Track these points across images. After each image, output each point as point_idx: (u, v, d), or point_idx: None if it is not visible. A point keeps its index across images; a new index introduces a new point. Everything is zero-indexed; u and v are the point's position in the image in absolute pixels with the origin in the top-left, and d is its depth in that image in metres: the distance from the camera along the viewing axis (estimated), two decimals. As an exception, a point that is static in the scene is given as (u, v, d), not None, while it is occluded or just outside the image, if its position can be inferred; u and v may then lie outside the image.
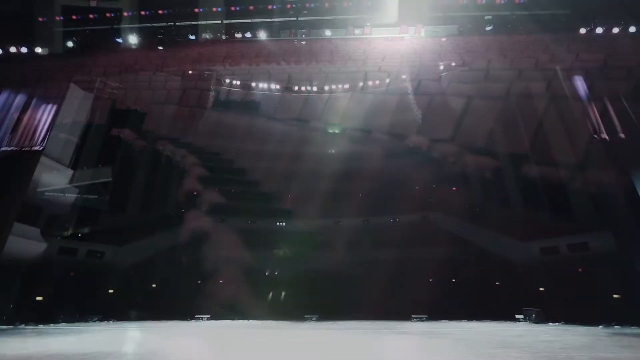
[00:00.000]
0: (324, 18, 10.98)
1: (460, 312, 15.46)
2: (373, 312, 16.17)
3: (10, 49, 10.76)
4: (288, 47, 11.08)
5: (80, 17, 11.17)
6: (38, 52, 10.79)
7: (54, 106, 10.38)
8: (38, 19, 10.99)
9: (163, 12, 11.36)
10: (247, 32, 10.92)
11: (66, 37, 10.94)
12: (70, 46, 10.93)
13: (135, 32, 10.94)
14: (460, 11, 10.72)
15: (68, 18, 11.09)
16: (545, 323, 11.86)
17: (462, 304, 16.70)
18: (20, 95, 10.47)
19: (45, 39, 10.92)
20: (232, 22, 11.43)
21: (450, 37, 10.93)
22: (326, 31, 10.68)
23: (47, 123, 10.19)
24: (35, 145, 9.82)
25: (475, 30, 10.63)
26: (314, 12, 11.06)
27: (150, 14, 11.28)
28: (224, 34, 11.21)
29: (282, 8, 11.04)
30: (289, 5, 11.04)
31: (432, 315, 15.25)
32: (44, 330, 9.70)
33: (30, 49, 10.81)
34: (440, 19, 10.60)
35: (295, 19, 11.07)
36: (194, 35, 11.30)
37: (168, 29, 11.36)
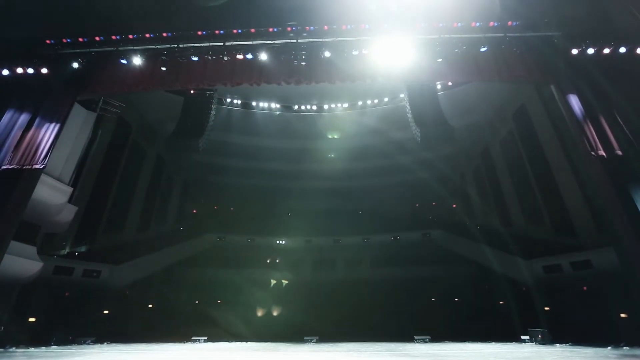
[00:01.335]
0: (323, 40, 11.31)
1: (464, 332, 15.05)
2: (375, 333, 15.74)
3: (17, 70, 11.00)
4: (288, 68, 11.32)
5: (87, 40, 11.49)
6: (44, 73, 11.01)
7: (57, 125, 10.49)
8: (46, 41, 11.29)
9: (167, 35, 11.69)
10: (248, 54, 11.21)
11: (72, 58, 11.22)
12: (75, 67, 11.17)
13: (139, 53, 11.23)
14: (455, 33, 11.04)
15: (75, 40, 11.41)
16: (551, 344, 11.55)
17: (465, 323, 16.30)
18: (24, 114, 10.61)
19: (51, 59, 11.19)
20: (234, 44, 11.75)
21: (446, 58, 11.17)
22: (325, 52, 10.97)
23: (50, 141, 10.27)
24: (37, 164, 9.84)
25: (470, 50, 10.91)
26: (313, 34, 11.40)
27: (154, 37, 11.62)
28: (226, 55, 11.51)
29: (282, 30, 11.37)
30: (289, 27, 11.38)
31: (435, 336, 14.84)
32: (34, 354, 9.39)
33: (37, 70, 11.04)
34: (436, 41, 10.90)
35: (295, 41, 11.40)
36: (197, 56, 11.60)
37: (171, 50, 11.68)
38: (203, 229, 27.36)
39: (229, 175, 27.88)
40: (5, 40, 10.76)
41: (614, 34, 10.28)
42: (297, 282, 23.58)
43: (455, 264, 22.83)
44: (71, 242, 17.67)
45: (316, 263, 25.69)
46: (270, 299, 22.34)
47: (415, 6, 10.13)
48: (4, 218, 9.21)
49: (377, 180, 28.54)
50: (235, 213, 30.79)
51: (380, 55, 11.06)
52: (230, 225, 28.29)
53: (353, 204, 30.57)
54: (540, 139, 17.46)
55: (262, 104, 23.94)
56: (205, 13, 10.91)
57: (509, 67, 11.17)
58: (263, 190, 29.60)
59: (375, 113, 23.94)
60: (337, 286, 22.90)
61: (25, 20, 10.36)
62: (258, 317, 18.71)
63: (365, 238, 26.61)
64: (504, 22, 11.06)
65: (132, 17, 10.90)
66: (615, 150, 9.32)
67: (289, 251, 26.31)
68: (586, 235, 15.07)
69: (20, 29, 10.52)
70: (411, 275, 22.77)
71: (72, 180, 13.80)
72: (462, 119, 20.58)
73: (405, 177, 27.58)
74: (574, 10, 10.14)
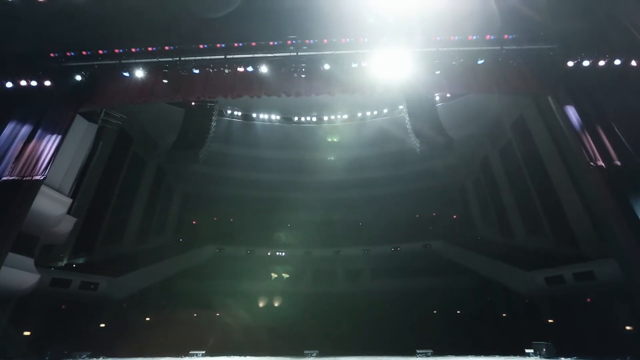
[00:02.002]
0: (323, 53, 11.49)
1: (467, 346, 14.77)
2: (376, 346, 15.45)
3: (20, 82, 11.14)
4: (288, 80, 11.47)
5: (91, 53, 11.68)
6: (47, 85, 11.14)
7: (58, 136, 10.56)
8: (50, 54, 11.47)
9: (169, 48, 11.90)
10: (249, 66, 11.38)
11: (75, 71, 11.38)
12: (78, 79, 11.32)
13: (141, 66, 11.40)
14: (453, 46, 11.24)
15: (79, 53, 11.60)
16: (556, 357, 11.32)
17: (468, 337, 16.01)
18: (27, 125, 10.68)
19: (55, 72, 11.35)
20: (235, 57, 11.94)
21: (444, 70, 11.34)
22: (325, 65, 11.14)
23: (51, 153, 10.31)
24: (37, 175, 9.86)
25: (467, 63, 11.08)
26: (313, 47, 11.60)
27: (157, 50, 11.82)
28: (227, 68, 11.68)
29: (282, 44, 11.58)
30: (290, 41, 11.59)
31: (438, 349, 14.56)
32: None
33: (40, 82, 11.18)
34: (434, 54, 11.08)
35: (295, 54, 11.59)
36: (198, 69, 11.77)
37: (173, 63, 11.86)
38: (202, 240, 27.21)
39: (229, 186, 27.90)
40: (10, 53, 10.94)
41: (608, 47, 10.45)
42: (297, 294, 23.27)
43: (457, 276, 22.60)
44: (69, 253, 17.54)
45: (316, 275, 25.42)
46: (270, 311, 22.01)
47: (413, 20, 10.34)
48: (2, 229, 9.17)
49: (377, 191, 28.54)
50: (235, 224, 30.65)
51: (379, 67, 11.23)
52: (229, 237, 28.15)
53: (353, 215, 30.47)
54: (539, 149, 17.53)
55: (262, 116, 24.16)
56: (207, 27, 11.12)
57: (506, 79, 11.32)
58: (263, 201, 29.55)
59: (374, 124, 24.14)
60: (337, 298, 22.60)
61: (30, 34, 10.55)
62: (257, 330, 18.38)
63: (366, 249, 26.42)
64: (501, 35, 11.26)
65: (135, 30, 11.11)
66: (614, 161, 9.36)
67: (289, 263, 26.08)
68: (587, 245, 14.97)
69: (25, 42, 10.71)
70: (412, 286, 22.50)
71: (72, 192, 13.81)
72: (461, 129, 20.72)
73: (405, 188, 27.59)
74: (569, 24, 10.34)
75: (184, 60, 11.91)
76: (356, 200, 29.36)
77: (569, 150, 10.93)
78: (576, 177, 14.22)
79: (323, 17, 10.19)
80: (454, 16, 10.04)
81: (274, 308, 22.70)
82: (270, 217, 30.64)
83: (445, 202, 29.24)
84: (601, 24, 10.14)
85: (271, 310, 22.30)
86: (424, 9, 9.70)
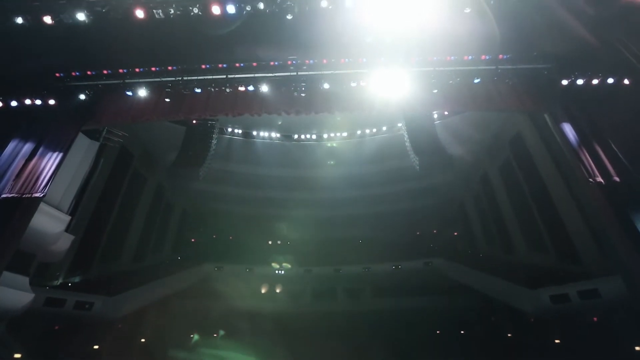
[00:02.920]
0: (323, 73, 11.77)
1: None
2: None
3: (25, 101, 11.33)
4: (288, 99, 11.68)
5: (95, 73, 11.95)
6: (52, 104, 11.33)
7: (60, 154, 10.63)
8: (55, 74, 11.73)
9: (172, 68, 12.18)
10: (250, 86, 11.62)
11: (80, 90, 11.60)
12: (82, 98, 11.52)
13: (144, 85, 11.64)
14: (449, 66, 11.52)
15: (84, 73, 11.87)
16: (564, 381, 10.95)
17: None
18: (29, 143, 10.78)
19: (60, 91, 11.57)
20: (236, 77, 12.20)
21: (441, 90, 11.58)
22: (324, 84, 11.38)
23: (51, 170, 10.35)
24: (37, 192, 9.86)
25: (464, 82, 11.32)
26: (313, 67, 11.89)
27: (160, 70, 12.10)
28: (228, 87, 11.92)
29: (283, 64, 11.88)
30: (290, 61, 11.88)
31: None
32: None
33: (45, 101, 11.37)
34: (431, 73, 11.34)
35: (295, 74, 11.85)
36: (200, 88, 12.01)
37: (176, 83, 12.11)
38: (201, 258, 26.85)
39: (229, 204, 27.83)
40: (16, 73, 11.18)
41: (601, 66, 10.71)
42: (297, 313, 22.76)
43: (459, 294, 22.18)
44: (65, 271, 17.28)
45: (316, 293, 24.97)
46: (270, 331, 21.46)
47: (410, 41, 10.63)
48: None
49: (376, 209, 28.45)
50: (234, 242, 30.37)
51: (377, 87, 11.46)
52: (228, 255, 27.81)
53: (353, 232, 30.26)
54: (538, 166, 17.63)
55: (262, 133, 24.42)
56: (210, 48, 11.43)
57: (502, 97, 11.53)
58: (262, 218, 29.41)
59: (374, 142, 24.38)
60: (338, 318, 22.10)
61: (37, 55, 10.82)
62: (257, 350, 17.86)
63: (366, 267, 26.05)
64: (495, 55, 11.56)
65: (140, 51, 11.40)
66: (613, 177, 9.38)
67: (289, 281, 25.66)
68: (591, 262, 14.78)
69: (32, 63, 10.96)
70: (414, 305, 22.05)
71: (71, 209, 13.75)
72: (459, 146, 20.90)
73: (405, 205, 27.51)
74: (561, 45, 10.64)
75: (186, 80, 12.16)
76: (356, 217, 29.23)
77: (567, 166, 11.00)
78: (576, 193, 14.23)
79: (323, 39, 10.49)
80: (449, 37, 10.33)
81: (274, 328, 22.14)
82: (270, 235, 30.41)
83: (446, 219, 29.10)
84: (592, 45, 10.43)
85: (270, 331, 21.74)
86: (420, 31, 10.00)
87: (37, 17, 9.27)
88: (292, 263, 26.80)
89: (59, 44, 10.50)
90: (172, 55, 11.86)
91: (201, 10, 9.42)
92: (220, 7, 9.35)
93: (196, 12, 9.42)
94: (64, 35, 9.89)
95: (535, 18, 9.79)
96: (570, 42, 10.47)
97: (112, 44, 10.68)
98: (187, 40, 10.94)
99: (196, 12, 9.43)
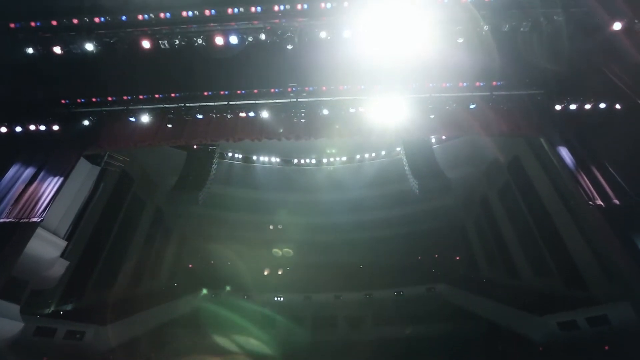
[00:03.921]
0: (322, 99, 12.08)
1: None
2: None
3: (29, 127, 11.52)
4: (288, 125, 11.91)
5: (100, 99, 12.25)
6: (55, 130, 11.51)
7: (61, 178, 10.66)
8: (61, 101, 12.01)
9: (175, 95, 12.51)
10: (250, 112, 11.88)
11: (84, 116, 11.84)
12: (86, 124, 11.73)
13: (147, 112, 11.89)
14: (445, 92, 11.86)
15: (89, 100, 12.16)
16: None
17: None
18: (30, 167, 10.85)
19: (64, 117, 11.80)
20: (237, 103, 12.51)
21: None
22: (324, 110, 11.64)
23: (51, 195, 10.35)
24: (34, 217, 9.80)
25: (460, 107, 11.60)
26: (312, 94, 12.22)
27: (163, 97, 12.42)
28: (230, 113, 12.19)
29: (283, 91, 12.22)
30: (290, 88, 12.24)
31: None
32: None
33: (49, 127, 11.57)
34: (428, 100, 11.65)
35: (295, 100, 12.17)
36: (202, 114, 12.26)
37: (178, 109, 12.38)
38: (198, 285, 26.21)
39: (228, 228, 27.55)
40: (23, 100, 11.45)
41: (592, 91, 11.03)
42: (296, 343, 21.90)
43: (464, 321, 21.45)
44: (58, 299, 16.77)
45: (316, 322, 24.16)
46: None
47: (406, 68, 11.00)
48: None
49: (377, 233, 28.17)
50: (232, 268, 29.75)
51: (375, 112, 11.73)
52: (226, 281, 27.17)
53: (353, 257, 29.76)
54: (537, 189, 17.65)
55: (262, 158, 24.63)
56: (212, 75, 11.80)
57: (498, 122, 11.78)
58: (261, 243, 29.03)
59: (373, 166, 24.56)
60: (339, 347, 21.24)
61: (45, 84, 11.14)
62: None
63: (367, 294, 25.36)
64: (489, 82, 11.93)
65: (145, 79, 11.76)
66: (613, 200, 9.39)
67: (288, 308, 24.90)
68: (597, 287, 14.44)
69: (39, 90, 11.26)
70: (418, 334, 21.27)
71: (68, 234, 13.60)
72: (458, 170, 21.03)
73: (406, 229, 27.27)
74: (551, 71, 11.00)
75: (188, 106, 12.44)
76: (356, 242, 28.87)
77: (566, 189, 11.04)
78: (577, 216, 14.18)
79: (322, 67, 10.86)
80: (444, 65, 10.71)
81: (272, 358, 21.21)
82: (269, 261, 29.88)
83: (447, 243, 28.73)
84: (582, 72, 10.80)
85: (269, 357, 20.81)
86: (416, 59, 10.37)
87: (47, 48, 9.63)
88: (291, 289, 26.13)
89: (66, 72, 10.84)
90: (175, 83, 12.22)
91: (205, 41, 9.81)
92: (223, 38, 9.75)
93: (200, 42, 9.81)
94: (72, 64, 10.23)
95: (525, 46, 10.20)
96: (560, 70, 10.84)
97: (118, 72, 11.03)
98: (190, 69, 11.32)
99: (200, 43, 9.82)
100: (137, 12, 9.35)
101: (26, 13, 9.33)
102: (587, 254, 14.86)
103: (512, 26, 9.54)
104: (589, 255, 14.78)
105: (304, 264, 28.28)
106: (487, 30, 9.47)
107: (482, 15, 9.26)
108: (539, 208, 17.76)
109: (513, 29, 9.60)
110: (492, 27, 9.46)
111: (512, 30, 9.63)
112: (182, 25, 9.60)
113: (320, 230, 27.96)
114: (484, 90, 12.00)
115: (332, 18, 9.44)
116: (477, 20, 9.29)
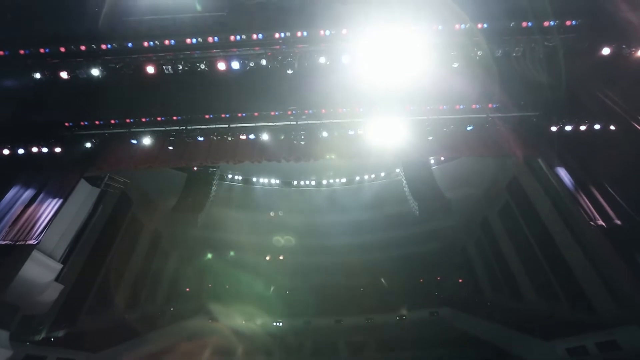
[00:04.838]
0: (321, 122, 12.29)
1: None
2: None
3: (32, 149, 11.62)
4: (288, 147, 12.05)
5: (103, 122, 12.44)
6: (57, 152, 11.61)
7: (60, 200, 10.64)
8: (64, 124, 12.19)
9: (177, 118, 12.72)
10: (251, 134, 12.05)
11: (86, 139, 11.98)
12: (88, 146, 11.84)
13: (149, 134, 12.05)
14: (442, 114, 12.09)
15: (92, 123, 12.35)
16: None
17: None
18: (30, 189, 10.85)
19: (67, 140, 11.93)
20: (238, 126, 12.71)
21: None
22: (323, 132, 11.82)
23: (49, 217, 10.29)
24: (31, 239, 9.69)
25: (457, 129, 11.79)
26: (311, 117, 12.45)
27: (165, 120, 12.63)
28: (230, 135, 12.35)
29: (283, 114, 12.45)
30: (290, 111, 12.48)
31: None
32: None
33: (51, 149, 11.67)
34: (425, 122, 11.85)
35: (295, 123, 12.37)
36: (203, 137, 12.42)
37: (179, 132, 12.56)
38: (195, 309, 25.51)
39: (226, 250, 27.21)
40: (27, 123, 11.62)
41: (586, 113, 11.24)
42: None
43: (469, 347, 20.69)
44: (50, 324, 16.22)
45: (316, 348, 23.30)
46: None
47: (404, 92, 11.27)
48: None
49: (377, 255, 27.78)
50: (230, 291, 29.07)
51: (374, 134, 11.90)
52: (224, 305, 26.45)
53: (354, 280, 29.18)
54: (538, 210, 17.56)
55: (262, 180, 24.69)
56: (213, 98, 12.06)
57: (495, 143, 11.93)
58: (260, 266, 28.54)
59: (372, 187, 24.57)
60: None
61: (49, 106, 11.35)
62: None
63: (369, 318, 24.63)
64: (485, 104, 12.19)
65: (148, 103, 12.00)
66: (614, 220, 9.35)
67: (287, 333, 24.10)
68: (605, 311, 14.05)
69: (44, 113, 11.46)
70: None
71: (64, 257, 13.39)
72: (458, 191, 21.02)
73: (407, 251, 26.92)
74: (546, 94, 11.27)
75: (189, 129, 12.62)
76: (357, 264, 28.41)
77: (567, 210, 11.01)
78: (579, 237, 14.04)
79: (321, 90, 11.12)
80: (440, 88, 10.99)
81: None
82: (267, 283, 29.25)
83: (449, 265, 28.27)
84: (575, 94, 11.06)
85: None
86: (413, 83, 10.65)
87: (54, 73, 9.89)
88: (290, 314, 25.41)
89: (71, 96, 11.07)
90: (177, 106, 12.45)
91: (207, 66, 10.12)
92: (225, 64, 10.06)
93: (203, 67, 10.10)
94: (77, 88, 10.47)
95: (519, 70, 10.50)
96: (554, 92, 11.11)
97: (121, 95, 11.27)
98: (192, 92, 11.59)
99: (203, 68, 10.11)
100: (142, 39, 9.68)
101: (36, 40, 9.65)
102: (592, 275, 14.57)
103: (505, 51, 9.88)
104: (593, 276, 14.50)
105: (304, 288, 27.66)
106: (480, 55, 9.79)
107: (475, 41, 9.61)
108: (540, 229, 17.59)
109: (506, 54, 9.94)
110: (486, 53, 9.79)
111: (505, 55, 9.96)
112: (186, 51, 9.93)
113: (320, 252, 27.59)
114: (481, 113, 12.23)
115: (330, 44, 9.78)
116: (470, 46, 9.63)
